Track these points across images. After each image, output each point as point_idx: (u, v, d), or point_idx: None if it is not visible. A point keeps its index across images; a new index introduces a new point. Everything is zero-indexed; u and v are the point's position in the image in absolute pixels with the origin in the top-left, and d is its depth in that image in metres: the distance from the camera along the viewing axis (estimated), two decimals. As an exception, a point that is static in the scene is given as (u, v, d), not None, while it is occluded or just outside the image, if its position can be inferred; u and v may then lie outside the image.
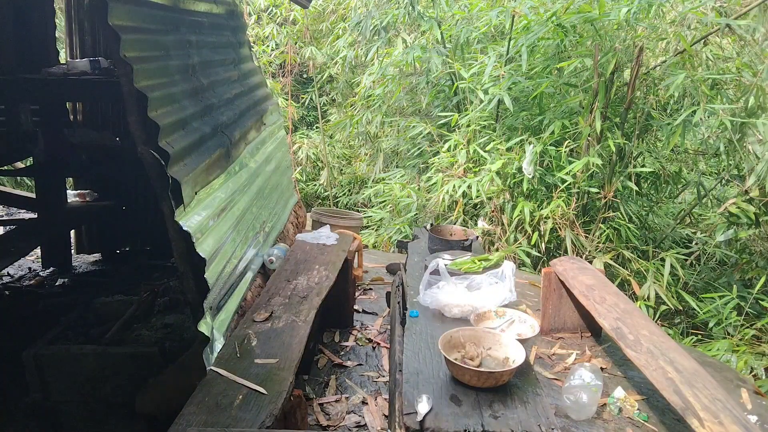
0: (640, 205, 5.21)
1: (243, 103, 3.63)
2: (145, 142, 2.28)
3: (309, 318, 2.53)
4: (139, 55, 2.31)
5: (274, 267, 3.19)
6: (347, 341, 3.36)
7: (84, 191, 4.71)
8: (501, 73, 5.01)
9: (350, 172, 8.50)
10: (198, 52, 3.07)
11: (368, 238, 6.06)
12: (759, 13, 4.41)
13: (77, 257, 4.86)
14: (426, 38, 6.28)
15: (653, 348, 2.30)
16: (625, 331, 2.45)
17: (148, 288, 3.57)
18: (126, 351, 2.90)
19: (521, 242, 4.76)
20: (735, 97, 4.56)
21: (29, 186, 6.68)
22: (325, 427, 2.55)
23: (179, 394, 1.97)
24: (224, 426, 1.74)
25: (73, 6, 4.52)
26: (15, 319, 3.60)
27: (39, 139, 4.08)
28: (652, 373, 2.15)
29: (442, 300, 2.30)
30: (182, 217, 2.32)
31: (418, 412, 1.63)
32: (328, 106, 9.36)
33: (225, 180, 2.92)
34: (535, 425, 1.62)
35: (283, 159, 4.41)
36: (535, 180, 4.75)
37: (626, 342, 2.38)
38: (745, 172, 4.35)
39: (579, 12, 4.57)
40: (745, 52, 4.78)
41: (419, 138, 6.22)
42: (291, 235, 3.97)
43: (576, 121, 4.70)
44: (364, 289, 4.14)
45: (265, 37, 8.74)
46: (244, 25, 4.22)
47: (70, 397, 2.88)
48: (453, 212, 5.23)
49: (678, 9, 4.83)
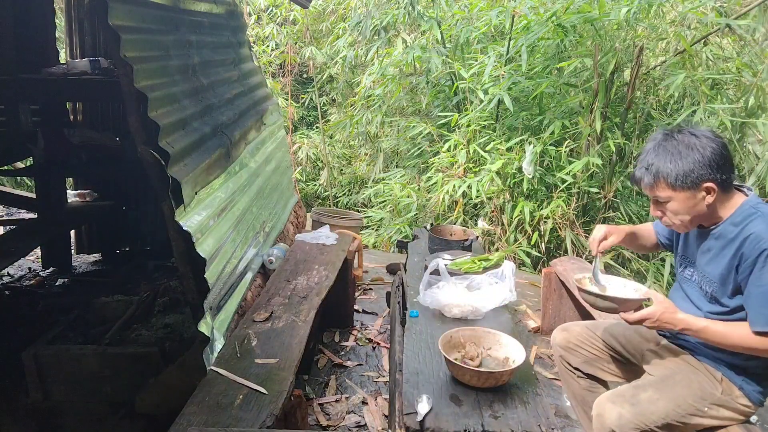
0: (640, 205, 5.20)
1: (243, 103, 3.63)
2: (145, 142, 2.28)
3: (309, 318, 2.53)
4: (139, 55, 2.31)
5: (274, 267, 3.19)
6: (347, 341, 3.36)
7: (84, 191, 4.70)
8: (501, 73, 5.01)
9: (350, 172, 8.50)
10: (198, 52, 3.06)
11: (368, 238, 6.06)
12: (759, 13, 4.41)
13: (77, 257, 4.85)
14: (426, 38, 6.28)
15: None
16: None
17: (148, 288, 3.57)
18: (126, 351, 2.90)
19: (521, 242, 4.76)
20: (735, 97, 4.56)
21: (29, 186, 6.68)
22: (325, 427, 2.55)
23: (179, 394, 1.97)
24: (225, 426, 1.74)
25: (73, 6, 4.52)
26: (15, 319, 3.60)
27: (39, 139, 4.07)
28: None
29: (442, 300, 2.29)
30: (182, 217, 2.32)
31: (418, 412, 1.63)
32: (328, 106, 9.36)
33: (225, 180, 2.92)
34: (535, 425, 1.62)
35: (283, 159, 4.41)
36: (535, 180, 4.75)
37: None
38: (745, 172, 4.35)
39: (579, 12, 4.58)
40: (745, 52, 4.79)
41: (419, 138, 6.22)
42: (291, 235, 3.97)
43: (576, 121, 4.70)
44: (364, 289, 4.14)
45: (265, 37, 8.74)
46: (244, 25, 4.22)
47: (70, 397, 2.88)
48: (453, 212, 5.23)
49: (678, 9, 4.83)
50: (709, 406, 1.77)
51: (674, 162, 1.69)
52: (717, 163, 1.68)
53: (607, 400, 1.81)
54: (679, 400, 1.77)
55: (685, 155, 1.69)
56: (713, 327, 1.72)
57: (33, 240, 3.88)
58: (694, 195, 1.70)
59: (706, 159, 1.68)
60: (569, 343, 2.14)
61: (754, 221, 1.68)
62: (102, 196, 4.75)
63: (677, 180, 1.69)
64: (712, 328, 1.72)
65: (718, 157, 1.68)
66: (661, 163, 1.71)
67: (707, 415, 1.78)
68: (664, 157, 1.71)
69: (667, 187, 1.72)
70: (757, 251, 1.64)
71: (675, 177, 1.69)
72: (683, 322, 1.73)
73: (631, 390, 1.83)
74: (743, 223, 1.71)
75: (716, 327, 1.72)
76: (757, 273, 1.65)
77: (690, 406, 1.76)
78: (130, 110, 2.30)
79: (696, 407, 1.76)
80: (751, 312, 1.69)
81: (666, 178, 1.70)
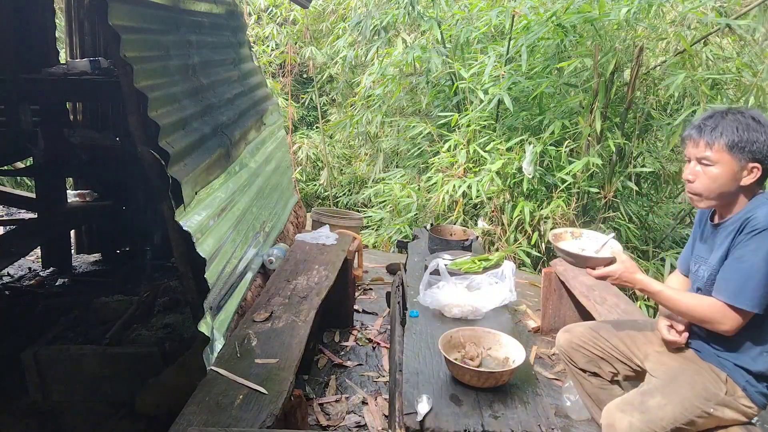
0: (640, 205, 5.21)
1: (243, 103, 3.63)
2: (145, 142, 2.28)
3: (309, 318, 2.53)
4: (139, 55, 2.31)
5: (274, 267, 3.19)
6: (347, 341, 3.36)
7: (84, 191, 4.70)
8: (501, 73, 5.00)
9: (350, 172, 8.50)
10: (198, 52, 3.07)
11: (368, 238, 6.06)
12: (759, 13, 4.41)
13: (77, 257, 4.86)
14: (426, 38, 6.27)
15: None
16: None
17: (148, 288, 3.57)
18: (126, 351, 2.90)
19: (521, 242, 4.76)
20: (735, 97, 4.56)
21: (29, 186, 6.68)
22: (325, 427, 2.55)
23: (179, 394, 1.97)
24: (225, 426, 1.74)
25: (73, 6, 4.52)
26: (15, 319, 3.59)
27: (39, 139, 4.07)
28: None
29: (442, 300, 2.30)
30: (182, 217, 2.32)
31: (418, 412, 1.63)
32: (328, 106, 9.36)
33: (225, 180, 2.92)
34: (535, 425, 1.62)
35: (283, 159, 4.41)
36: (535, 180, 4.75)
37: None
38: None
39: (579, 12, 4.57)
40: (745, 52, 4.79)
41: (419, 138, 6.22)
42: (291, 235, 3.97)
43: (576, 121, 4.70)
44: (364, 289, 4.14)
45: (265, 37, 8.73)
46: (244, 25, 4.22)
47: (70, 397, 2.88)
48: (453, 212, 5.22)
49: (678, 9, 4.83)
50: (714, 407, 1.77)
51: (741, 130, 1.72)
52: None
53: (617, 409, 1.80)
54: (686, 403, 1.77)
55: (754, 128, 1.72)
56: (667, 292, 1.80)
57: (33, 240, 3.88)
58: (740, 168, 1.73)
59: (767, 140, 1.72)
60: (572, 344, 2.14)
61: (759, 207, 1.72)
62: (102, 196, 4.75)
63: (738, 145, 1.71)
64: (666, 292, 1.80)
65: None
66: (728, 127, 1.74)
67: (713, 415, 1.78)
68: (732, 124, 1.74)
69: (723, 148, 1.73)
70: (749, 229, 1.69)
71: (737, 141, 1.71)
72: (641, 283, 1.82)
73: (639, 397, 1.83)
74: (750, 210, 1.74)
75: (669, 292, 1.80)
76: (741, 247, 1.70)
77: (696, 407, 1.76)
78: (130, 110, 2.30)
79: (702, 409, 1.77)
80: (719, 280, 1.74)
81: (728, 140, 1.72)
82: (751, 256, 1.67)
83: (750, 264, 1.67)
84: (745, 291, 1.66)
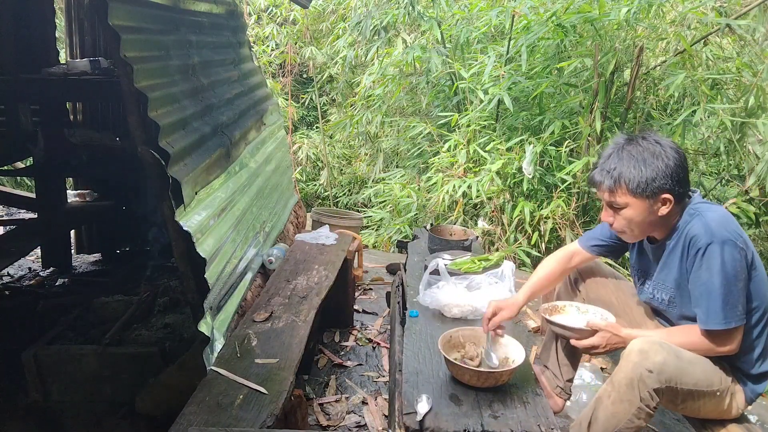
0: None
1: (243, 103, 3.63)
2: (145, 142, 2.28)
3: (309, 318, 2.53)
4: (139, 55, 2.31)
5: (274, 267, 3.19)
6: (347, 341, 3.36)
7: (84, 191, 4.70)
8: (501, 73, 5.01)
9: (350, 172, 8.50)
10: (198, 52, 3.06)
11: (368, 238, 6.06)
12: (759, 13, 4.41)
13: (77, 257, 4.85)
14: (426, 38, 6.28)
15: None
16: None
17: (148, 288, 3.56)
18: (126, 351, 2.90)
19: (521, 242, 4.76)
20: (735, 97, 4.56)
21: (29, 186, 6.68)
22: (325, 427, 2.55)
23: (179, 394, 1.97)
24: (225, 426, 1.75)
25: (73, 6, 4.52)
26: (15, 319, 3.59)
27: (39, 139, 4.07)
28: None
29: (442, 300, 2.29)
30: (182, 217, 2.32)
31: (418, 412, 1.63)
32: (328, 106, 9.36)
33: (225, 180, 2.92)
34: (535, 425, 1.62)
35: (283, 159, 4.41)
36: (535, 180, 4.75)
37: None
38: (745, 172, 4.35)
39: (579, 12, 4.58)
40: (745, 52, 4.78)
41: (419, 138, 6.22)
42: (291, 235, 3.97)
43: (576, 121, 4.70)
44: (364, 289, 4.14)
45: (265, 37, 8.73)
46: (244, 25, 4.22)
47: (69, 398, 2.88)
48: (453, 212, 5.22)
49: (678, 9, 4.83)
50: (721, 390, 1.77)
51: (638, 168, 1.70)
52: (678, 176, 1.70)
53: (655, 342, 1.71)
54: (708, 374, 1.76)
55: (650, 163, 1.69)
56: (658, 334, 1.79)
57: (33, 240, 3.88)
58: (651, 204, 1.72)
59: (669, 169, 1.69)
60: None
61: (692, 223, 1.71)
62: (102, 196, 4.75)
63: (639, 187, 1.69)
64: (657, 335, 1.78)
65: (680, 169, 1.70)
66: (625, 168, 1.71)
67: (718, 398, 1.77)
68: (629, 162, 1.72)
69: (626, 192, 1.72)
70: (694, 250, 1.68)
71: (637, 184, 1.69)
72: (630, 337, 1.76)
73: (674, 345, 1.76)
74: (685, 227, 1.74)
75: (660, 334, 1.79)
76: (696, 273, 1.70)
77: (712, 382, 1.75)
78: (130, 110, 2.30)
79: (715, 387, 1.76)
80: (699, 312, 1.72)
81: (628, 184, 1.70)
82: (707, 276, 1.66)
83: (710, 284, 1.66)
84: (720, 311, 1.66)
